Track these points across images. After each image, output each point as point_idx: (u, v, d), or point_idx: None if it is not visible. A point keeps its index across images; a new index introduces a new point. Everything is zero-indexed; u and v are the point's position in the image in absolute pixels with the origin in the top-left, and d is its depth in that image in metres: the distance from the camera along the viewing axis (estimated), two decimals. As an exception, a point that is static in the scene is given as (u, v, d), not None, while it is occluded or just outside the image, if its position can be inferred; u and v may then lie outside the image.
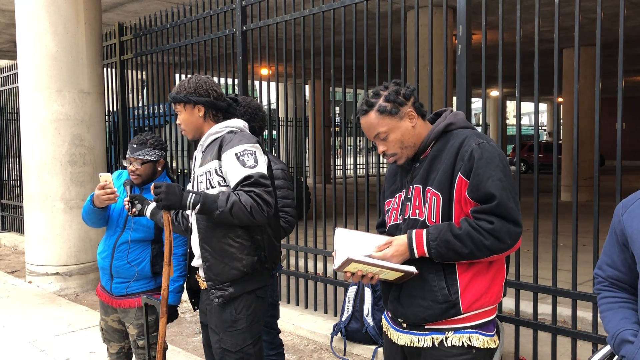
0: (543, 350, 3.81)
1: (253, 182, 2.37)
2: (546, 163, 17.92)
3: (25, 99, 6.19)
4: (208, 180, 2.50)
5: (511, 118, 45.26)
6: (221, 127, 2.56)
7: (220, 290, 2.48)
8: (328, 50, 4.99)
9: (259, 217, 2.34)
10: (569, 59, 12.37)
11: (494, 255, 1.90)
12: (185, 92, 2.56)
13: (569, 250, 3.69)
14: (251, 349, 2.52)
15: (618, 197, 3.16)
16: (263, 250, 2.51)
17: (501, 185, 1.87)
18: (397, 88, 2.03)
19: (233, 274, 2.46)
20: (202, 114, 2.57)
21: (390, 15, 4.23)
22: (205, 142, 2.58)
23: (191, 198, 2.36)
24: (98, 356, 4.24)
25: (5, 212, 10.06)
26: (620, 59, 3.25)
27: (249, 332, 2.52)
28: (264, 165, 2.45)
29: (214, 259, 2.48)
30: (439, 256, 1.93)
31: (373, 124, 2.02)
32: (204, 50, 5.78)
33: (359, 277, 1.98)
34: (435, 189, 1.97)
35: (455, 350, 1.98)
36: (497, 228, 1.85)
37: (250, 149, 2.43)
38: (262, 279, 2.57)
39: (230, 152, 2.42)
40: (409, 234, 1.97)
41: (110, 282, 3.06)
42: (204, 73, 3.64)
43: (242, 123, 2.63)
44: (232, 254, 2.46)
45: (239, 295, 2.49)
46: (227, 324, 2.50)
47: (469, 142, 1.94)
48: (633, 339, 1.66)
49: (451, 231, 1.90)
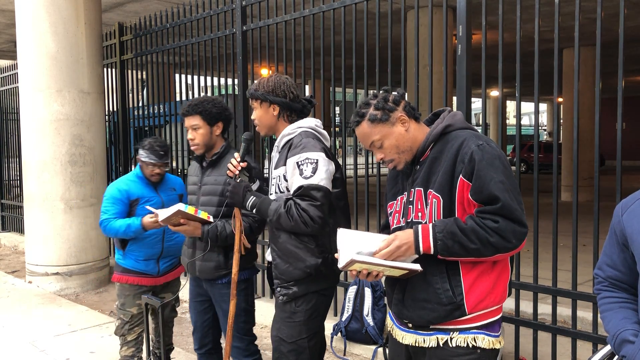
0: (543, 350, 3.81)
1: (302, 193, 2.45)
2: (546, 163, 17.94)
3: (25, 99, 6.19)
4: (277, 185, 2.60)
5: (511, 118, 45.26)
6: (293, 129, 2.61)
7: (285, 288, 2.57)
8: (328, 50, 4.99)
9: (302, 231, 2.46)
10: (569, 59, 12.37)
11: (499, 254, 1.90)
12: (263, 90, 2.63)
13: (569, 250, 3.69)
14: (305, 343, 2.57)
15: (618, 197, 3.16)
16: (330, 252, 2.55)
17: (504, 187, 1.87)
18: (386, 95, 2.05)
19: (296, 274, 2.53)
20: (276, 113, 2.64)
21: (390, 15, 4.23)
22: (280, 143, 2.66)
23: (251, 200, 2.57)
24: (98, 356, 4.24)
25: (5, 212, 10.06)
26: (620, 59, 3.25)
27: (306, 326, 2.57)
28: (323, 175, 2.47)
29: (280, 258, 2.57)
30: (444, 249, 1.90)
31: (366, 134, 2.05)
32: (204, 50, 5.78)
33: (364, 275, 1.99)
34: (436, 191, 1.97)
35: (460, 351, 1.99)
36: (502, 227, 1.85)
37: (313, 157, 2.47)
38: (328, 281, 2.63)
39: (293, 159, 2.50)
40: (415, 228, 1.96)
41: (158, 265, 3.53)
42: (204, 73, 3.65)
43: (314, 122, 2.67)
44: (296, 255, 2.52)
45: (303, 294, 2.56)
46: (285, 314, 2.59)
47: (469, 144, 1.94)
48: (634, 339, 1.66)
49: (457, 225, 1.89)
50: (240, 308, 2.96)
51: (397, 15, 8.16)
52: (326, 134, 2.69)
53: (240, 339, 3.03)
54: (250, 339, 3.08)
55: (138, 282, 3.52)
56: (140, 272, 3.51)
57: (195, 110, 2.94)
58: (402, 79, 4.20)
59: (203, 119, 2.95)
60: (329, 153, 2.57)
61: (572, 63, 10.51)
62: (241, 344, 3.03)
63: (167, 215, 2.84)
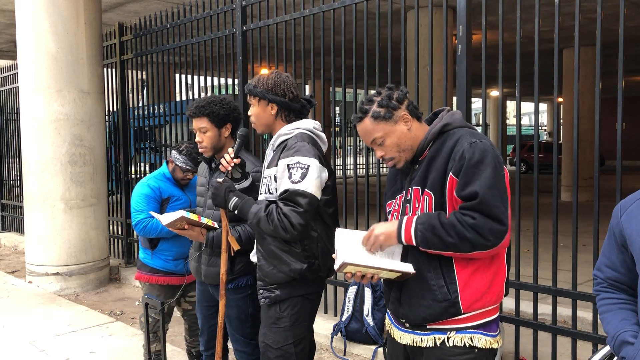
0: (543, 350, 3.81)
1: (286, 197, 2.40)
2: (546, 163, 17.92)
3: (25, 99, 6.19)
4: (268, 185, 2.55)
5: (511, 118, 45.26)
6: (290, 129, 2.56)
7: (268, 291, 2.54)
8: (328, 50, 4.99)
9: (281, 236, 2.42)
10: (569, 59, 12.37)
11: (477, 251, 1.90)
12: (262, 88, 2.56)
13: (569, 250, 3.69)
14: (292, 348, 2.54)
15: (618, 197, 3.16)
16: (316, 258, 2.51)
17: (487, 184, 1.88)
18: (390, 92, 2.05)
19: (280, 277, 2.49)
20: (274, 112, 2.58)
21: (390, 15, 4.23)
22: (275, 142, 2.60)
23: (233, 201, 2.52)
24: (98, 356, 4.24)
25: (5, 212, 10.06)
26: (620, 59, 3.25)
27: (292, 332, 2.54)
28: (312, 182, 2.41)
29: (264, 259, 2.53)
30: (424, 240, 1.93)
31: (369, 130, 2.05)
32: (204, 50, 5.78)
33: (359, 277, 1.99)
34: (429, 189, 1.99)
35: (458, 350, 1.99)
36: (479, 224, 1.86)
37: (304, 162, 2.41)
38: (313, 286, 2.59)
39: (284, 161, 2.44)
40: (400, 219, 2.01)
41: (186, 263, 3.49)
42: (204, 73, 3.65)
43: (312, 124, 2.61)
44: (280, 258, 2.49)
45: (286, 298, 2.52)
46: (270, 320, 2.56)
47: (462, 142, 1.95)
48: (633, 340, 1.66)
49: (439, 218, 1.92)
50: (246, 313, 2.92)
51: (397, 15, 8.15)
52: (324, 137, 2.63)
53: (247, 343, 2.97)
54: (257, 344, 3.07)
55: (168, 283, 3.53)
56: (170, 272, 3.51)
57: (203, 112, 2.85)
58: (402, 79, 4.21)
59: (210, 121, 2.86)
60: (322, 160, 2.51)
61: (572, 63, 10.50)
62: (247, 349, 2.98)
63: (171, 220, 2.81)
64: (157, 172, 3.57)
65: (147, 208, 3.38)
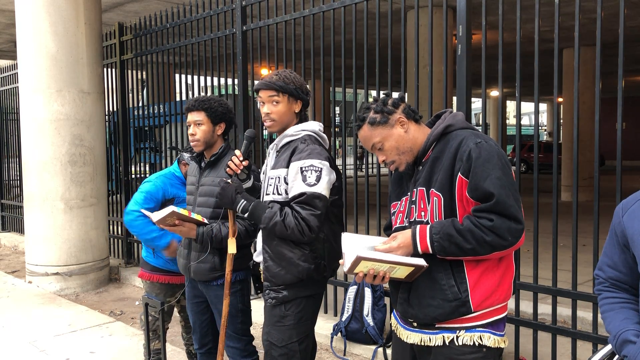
0: (543, 350, 3.81)
1: (303, 200, 2.40)
2: (546, 163, 17.92)
3: (25, 99, 6.18)
4: (276, 186, 2.53)
5: (511, 118, 45.27)
6: (297, 131, 2.56)
7: (275, 292, 2.54)
8: (328, 50, 5.00)
9: (297, 239, 2.43)
10: (569, 59, 12.37)
11: (496, 252, 1.91)
12: (294, 85, 2.54)
13: (569, 250, 3.69)
14: (296, 346, 2.56)
15: (618, 197, 3.16)
16: (323, 259, 2.53)
17: (499, 184, 1.89)
18: (385, 98, 2.11)
19: (288, 278, 2.50)
20: (298, 110, 2.58)
21: (390, 15, 4.23)
22: (280, 142, 2.59)
23: (242, 204, 2.50)
24: (98, 356, 4.24)
25: (5, 212, 10.06)
26: (620, 59, 3.25)
27: (296, 330, 2.56)
28: (325, 186, 2.44)
29: (272, 260, 2.53)
30: (441, 250, 1.94)
31: (367, 136, 2.10)
32: (204, 50, 5.78)
33: (371, 276, 1.99)
34: (437, 190, 2.00)
35: (466, 349, 2.00)
36: (497, 225, 1.87)
37: (318, 165, 2.44)
38: (318, 287, 2.61)
39: (297, 164, 2.44)
40: (413, 229, 2.01)
41: None
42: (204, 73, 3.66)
43: (317, 126, 2.62)
44: (289, 259, 2.49)
45: (293, 299, 2.54)
46: (275, 318, 2.56)
47: (467, 142, 1.97)
48: (635, 339, 1.66)
49: (454, 226, 1.92)
50: (236, 309, 2.95)
51: (397, 15, 8.16)
52: (326, 138, 2.66)
53: (238, 339, 3.01)
54: (248, 340, 3.08)
55: (169, 281, 3.57)
56: (171, 271, 3.55)
57: (202, 106, 2.90)
58: (402, 79, 4.21)
59: (207, 115, 2.91)
60: (332, 162, 2.55)
61: (572, 63, 10.50)
62: (239, 345, 3.02)
63: (162, 216, 2.80)
64: (167, 171, 3.58)
65: (143, 204, 3.39)
